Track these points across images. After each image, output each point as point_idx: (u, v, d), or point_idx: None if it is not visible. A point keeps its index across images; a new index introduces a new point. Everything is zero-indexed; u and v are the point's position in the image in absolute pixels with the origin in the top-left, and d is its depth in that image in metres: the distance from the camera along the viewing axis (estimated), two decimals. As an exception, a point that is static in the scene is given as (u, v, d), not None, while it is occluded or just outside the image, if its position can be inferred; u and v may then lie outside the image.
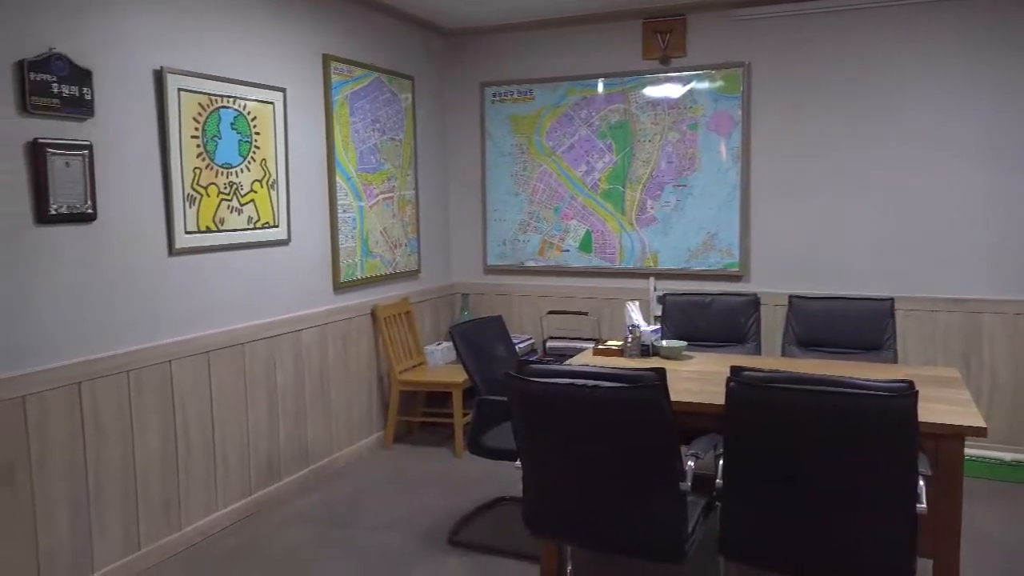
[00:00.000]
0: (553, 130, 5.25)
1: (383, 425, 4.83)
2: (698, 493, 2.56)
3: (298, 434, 4.12)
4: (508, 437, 3.11)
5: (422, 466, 4.45)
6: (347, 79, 4.43)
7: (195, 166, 3.43)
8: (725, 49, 4.79)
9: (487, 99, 5.43)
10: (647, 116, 5.00)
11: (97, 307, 3.02)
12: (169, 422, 3.35)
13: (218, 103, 3.54)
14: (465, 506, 3.83)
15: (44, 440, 2.83)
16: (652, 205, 5.05)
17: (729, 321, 4.06)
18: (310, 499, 3.98)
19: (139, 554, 3.21)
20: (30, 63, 2.72)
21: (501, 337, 3.80)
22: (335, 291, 4.40)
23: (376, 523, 3.68)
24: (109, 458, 3.08)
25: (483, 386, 3.41)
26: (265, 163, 3.84)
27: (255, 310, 3.81)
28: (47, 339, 2.84)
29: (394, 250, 4.94)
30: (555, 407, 2.37)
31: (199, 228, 3.47)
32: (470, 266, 5.62)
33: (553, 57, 5.21)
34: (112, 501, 3.10)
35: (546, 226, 5.35)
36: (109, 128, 3.04)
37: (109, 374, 3.06)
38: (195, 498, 3.49)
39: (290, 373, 4.05)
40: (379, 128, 4.74)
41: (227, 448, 3.66)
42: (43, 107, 2.77)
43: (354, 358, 4.56)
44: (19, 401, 2.74)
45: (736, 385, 2.26)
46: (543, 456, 2.48)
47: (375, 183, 4.72)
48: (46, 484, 2.84)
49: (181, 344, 3.38)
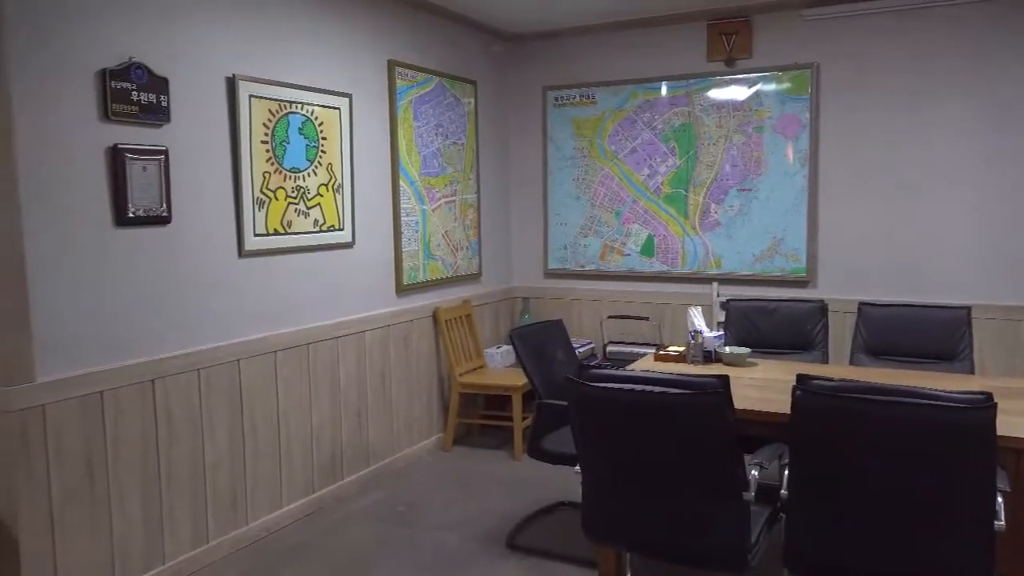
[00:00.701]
0: (615, 133, 5.22)
1: (443, 427, 4.87)
2: (762, 503, 2.51)
3: (360, 434, 4.19)
4: (568, 441, 3.10)
5: (481, 469, 4.47)
6: (411, 84, 4.49)
7: (264, 170, 3.52)
8: (793, 50, 4.69)
9: (549, 102, 5.43)
10: (711, 119, 4.93)
11: (170, 307, 3.13)
12: (237, 419, 3.44)
13: (287, 109, 3.62)
14: (524, 510, 3.83)
15: (119, 434, 2.94)
16: (716, 209, 4.97)
17: (795, 328, 3.97)
18: (371, 498, 4.03)
19: (207, 547, 3.31)
20: (111, 72, 2.84)
21: (561, 341, 3.79)
22: (398, 293, 4.45)
23: (435, 524, 3.71)
24: (180, 453, 3.18)
25: (543, 390, 3.40)
26: (331, 167, 3.91)
27: (320, 311, 3.89)
28: (123, 337, 2.95)
29: (455, 253, 4.98)
30: (616, 412, 2.35)
31: (267, 231, 3.56)
32: (530, 270, 5.63)
33: (616, 60, 5.18)
34: (182, 495, 3.20)
35: (607, 230, 5.32)
36: (184, 134, 3.15)
37: (181, 372, 3.16)
38: (261, 494, 3.58)
39: (353, 374, 4.12)
40: (442, 132, 4.79)
41: (292, 446, 3.74)
42: (123, 114, 2.88)
43: (415, 360, 4.62)
44: (97, 396, 2.85)
45: (803, 393, 2.21)
46: (603, 461, 2.47)
47: (437, 187, 4.77)
48: (121, 476, 2.95)
49: (250, 343, 3.47)
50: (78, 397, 2.79)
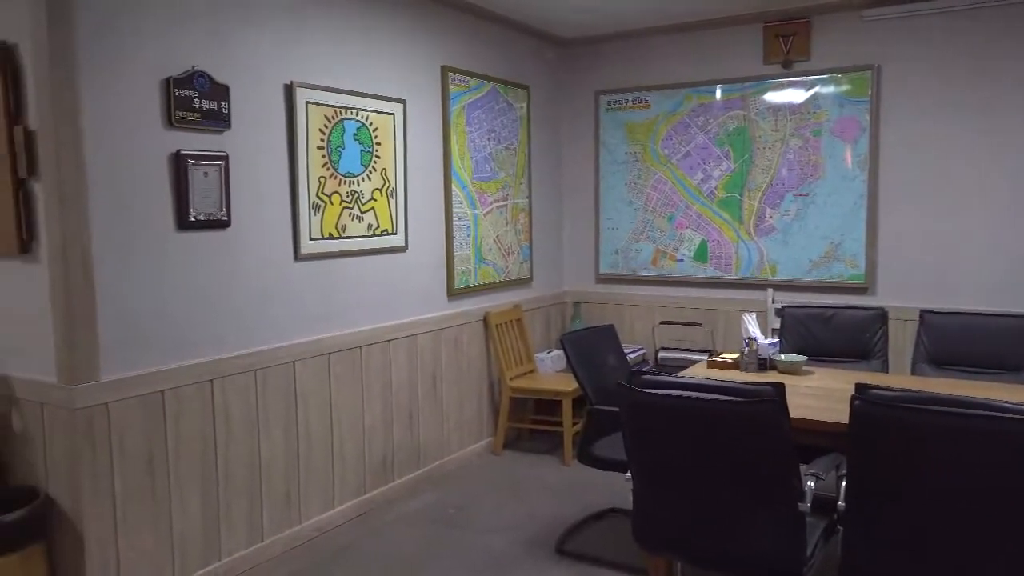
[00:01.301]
0: (669, 137, 5.18)
1: (493, 431, 4.88)
2: (818, 515, 2.45)
3: (411, 436, 4.23)
4: (618, 448, 3.07)
5: (531, 473, 4.47)
6: (464, 89, 4.52)
7: (320, 175, 3.58)
8: (853, 51, 4.58)
9: (602, 107, 5.41)
10: (767, 122, 4.85)
11: (229, 309, 3.20)
12: (292, 420, 3.50)
13: (342, 115, 3.68)
14: (573, 515, 3.81)
15: (179, 432, 3.02)
16: (771, 214, 4.89)
17: (853, 336, 3.87)
18: (421, 500, 4.06)
19: (261, 545, 3.37)
20: (175, 80, 2.92)
21: (612, 347, 3.77)
22: (449, 297, 4.48)
23: (485, 527, 3.71)
24: (237, 452, 3.25)
25: (594, 395, 3.39)
26: (385, 172, 3.96)
27: (373, 314, 3.94)
28: (184, 338, 3.03)
29: (507, 258, 4.99)
30: (668, 419, 2.32)
31: (323, 235, 3.62)
32: (582, 274, 5.61)
33: (670, 64, 5.14)
34: (239, 493, 3.27)
35: (660, 235, 5.27)
36: (243, 140, 3.22)
37: (238, 372, 3.24)
38: (314, 494, 3.63)
39: (404, 376, 4.16)
40: (494, 137, 4.81)
41: (344, 447, 3.79)
42: (186, 121, 2.97)
43: (466, 364, 4.64)
44: (158, 395, 2.94)
45: (862, 403, 2.15)
46: (655, 469, 2.44)
47: (489, 191, 4.79)
48: (181, 473, 3.03)
49: (305, 345, 3.54)
50: (140, 396, 2.87)
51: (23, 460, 2.87)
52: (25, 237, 2.72)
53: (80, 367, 2.69)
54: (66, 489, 2.75)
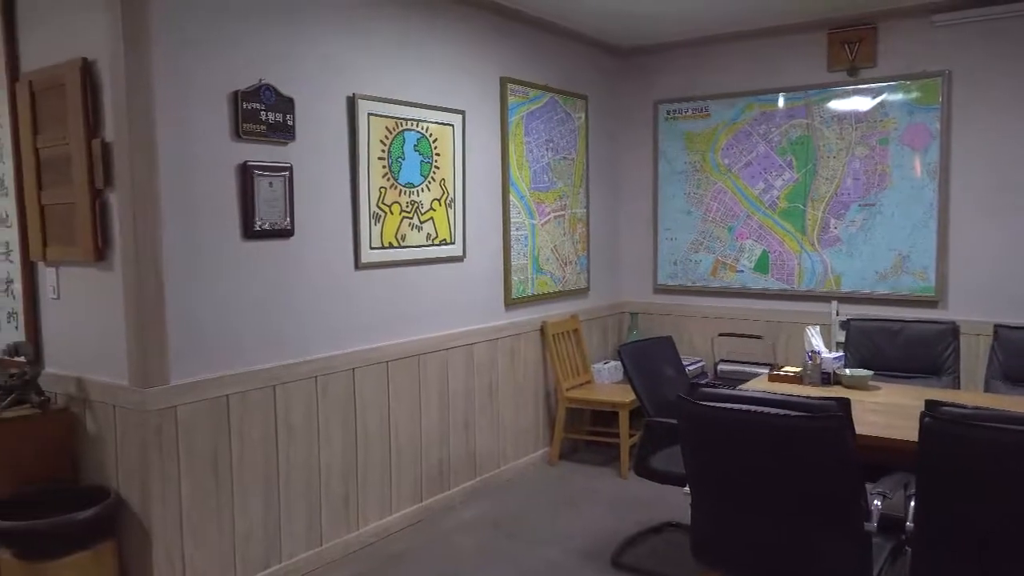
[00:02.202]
0: (729, 147, 5.11)
1: (549, 441, 4.86)
2: (885, 535, 2.37)
3: (467, 445, 4.24)
4: (676, 461, 3.03)
5: (587, 485, 4.44)
6: (523, 100, 4.54)
7: (380, 185, 3.64)
8: (922, 57, 4.46)
9: (661, 116, 5.37)
10: (832, 131, 4.74)
11: (291, 316, 3.27)
12: (351, 426, 3.55)
13: (403, 126, 3.74)
14: (630, 528, 3.77)
15: (243, 436, 3.09)
16: (836, 224, 4.77)
17: (921, 350, 3.75)
18: (477, 509, 4.07)
19: (320, 549, 3.42)
20: (243, 93, 3.01)
21: (671, 358, 3.72)
22: (506, 307, 4.50)
23: (540, 538, 3.70)
24: (297, 457, 3.31)
25: (651, 407, 3.35)
26: (444, 182, 4.00)
27: (431, 323, 3.97)
28: (248, 344, 3.11)
29: (564, 268, 4.98)
30: (728, 433, 2.28)
31: (383, 244, 3.67)
32: (639, 285, 5.56)
33: (730, 72, 5.07)
34: (299, 496, 3.33)
35: (720, 245, 5.20)
36: (306, 151, 3.30)
37: (300, 379, 3.30)
38: (371, 500, 3.68)
39: (461, 385, 4.18)
40: (552, 147, 4.82)
41: (402, 454, 3.83)
42: (252, 132, 3.05)
43: (522, 373, 4.64)
44: (224, 399, 3.02)
45: (932, 420, 2.08)
46: (714, 484, 2.40)
47: (547, 201, 4.80)
48: (244, 475, 3.10)
49: (364, 353, 3.59)
50: (207, 400, 2.95)
51: (95, 460, 2.98)
52: (101, 245, 2.83)
53: (151, 371, 2.78)
54: (135, 489, 2.84)
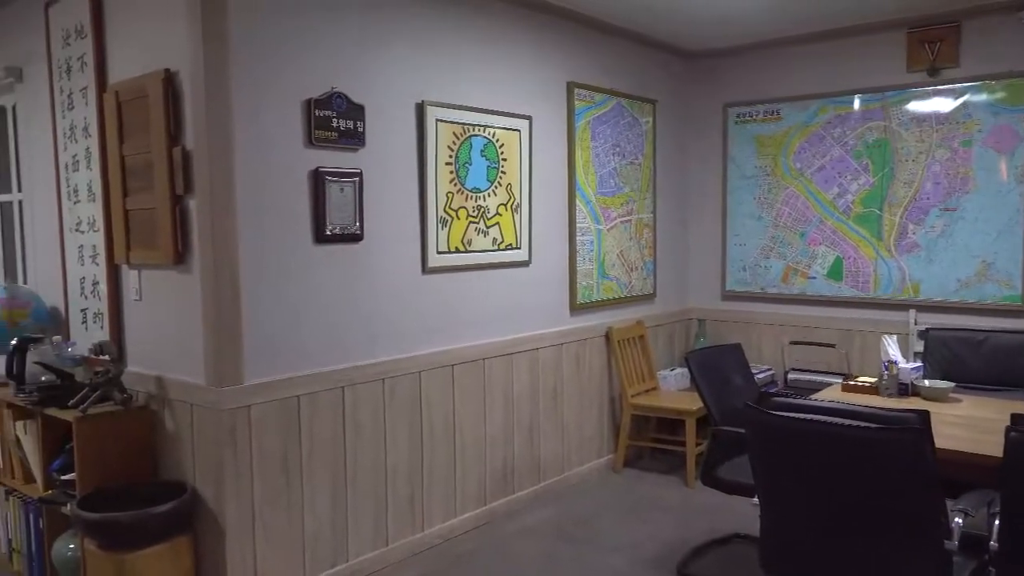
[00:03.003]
0: (802, 150, 4.99)
1: (614, 447, 4.83)
2: (966, 554, 2.28)
3: (531, 449, 4.24)
4: (744, 471, 2.97)
5: (652, 492, 4.39)
6: (590, 105, 4.53)
7: (447, 190, 3.68)
8: (1009, 56, 4.27)
9: (730, 120, 5.28)
10: (910, 133, 4.58)
11: (360, 319, 3.33)
12: (417, 429, 3.59)
13: (470, 132, 3.77)
14: (696, 538, 3.71)
15: (312, 436, 3.16)
16: (914, 230, 4.61)
17: (1007, 362, 3.59)
18: (541, 514, 4.07)
19: (386, 549, 3.47)
20: (315, 101, 3.09)
21: (739, 366, 3.65)
22: (571, 312, 4.48)
23: (605, 545, 3.67)
24: (365, 458, 3.37)
25: (719, 416, 3.29)
26: (510, 187, 4.02)
27: (496, 327, 3.99)
28: (318, 346, 3.18)
29: (630, 273, 4.94)
30: (800, 445, 2.23)
31: (449, 248, 3.71)
32: (707, 291, 5.48)
33: (803, 74, 4.95)
34: (366, 497, 3.38)
35: (791, 251, 5.08)
36: (376, 157, 3.36)
37: (368, 381, 3.36)
38: (437, 502, 3.71)
39: (526, 390, 4.19)
40: (619, 152, 4.79)
41: (466, 457, 3.85)
42: (324, 139, 3.12)
43: (587, 379, 4.62)
44: (295, 400, 3.09)
45: (1019, 435, 1.99)
46: (784, 496, 2.34)
47: (613, 206, 4.77)
48: (313, 474, 3.17)
49: (430, 356, 3.63)
50: (278, 400, 3.03)
51: (173, 456, 3.09)
52: (180, 249, 2.93)
53: (226, 371, 2.87)
54: (210, 485, 2.94)
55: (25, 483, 3.37)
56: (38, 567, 3.31)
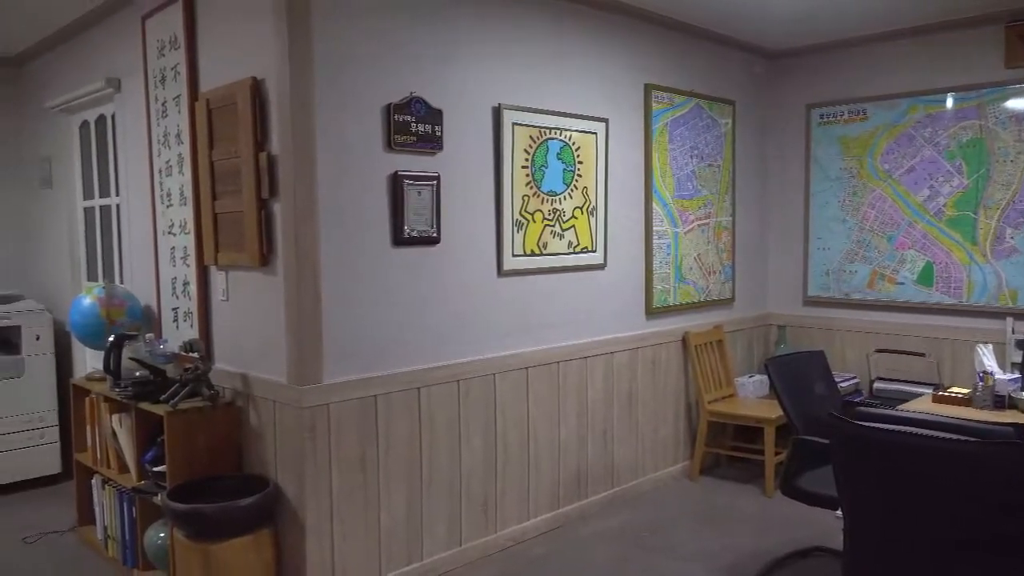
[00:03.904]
0: (890, 151, 4.80)
1: (690, 454, 4.75)
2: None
3: (605, 454, 4.21)
4: (827, 482, 2.88)
5: (729, 501, 4.29)
6: (667, 107, 4.47)
7: (524, 194, 3.69)
8: (1119, 49, 4.01)
9: (813, 121, 5.13)
10: (1009, 132, 4.36)
11: (436, 321, 3.37)
12: (491, 430, 3.61)
13: (546, 135, 3.77)
14: (775, 550, 3.61)
15: (389, 435, 3.21)
16: (1012, 234, 4.38)
17: (1116, 374, 3.37)
18: (614, 520, 4.03)
19: (459, 549, 3.50)
20: (395, 106, 3.14)
21: (822, 374, 3.54)
22: (647, 316, 4.43)
23: (680, 553, 3.61)
24: (439, 458, 3.40)
25: (800, 424, 3.20)
26: (586, 190, 4.00)
27: (571, 331, 3.98)
28: (395, 347, 3.23)
29: (708, 277, 4.85)
30: (888, 457, 2.14)
31: (525, 251, 3.71)
32: (788, 296, 5.33)
33: (891, 72, 4.77)
34: (440, 497, 3.42)
35: (877, 256, 4.89)
36: (453, 160, 3.39)
37: (443, 382, 3.39)
38: (510, 504, 3.72)
39: (600, 394, 4.16)
40: (697, 154, 4.71)
41: (540, 460, 3.85)
42: (403, 143, 3.18)
43: (662, 384, 4.56)
44: (372, 400, 3.15)
45: None
46: (870, 510, 2.25)
47: (691, 209, 4.69)
48: (389, 473, 3.22)
49: (505, 359, 3.64)
50: (356, 399, 3.09)
51: (257, 452, 3.19)
52: (265, 251, 3.03)
53: (307, 370, 2.95)
54: (291, 480, 3.02)
55: (120, 473, 3.53)
56: (131, 554, 3.47)
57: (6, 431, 4.50)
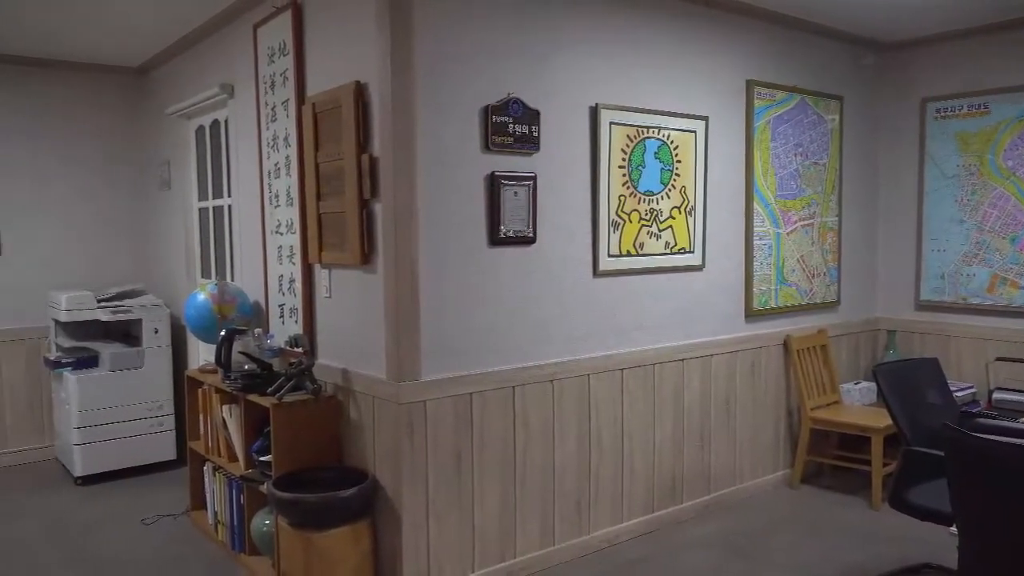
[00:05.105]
0: (1014, 147, 4.51)
1: (790, 462, 4.59)
2: None
3: (701, 459, 4.13)
4: (939, 495, 2.75)
5: (832, 512, 4.13)
6: (770, 103, 4.34)
7: (620, 194, 3.66)
8: None
9: (929, 116, 4.87)
10: None
11: (530, 321, 3.39)
12: (584, 431, 3.60)
13: (644, 134, 3.73)
14: (881, 565, 3.45)
15: (483, 432, 3.25)
16: None
17: None
18: (710, 526, 3.94)
19: (552, 549, 3.50)
20: (493, 107, 3.17)
21: (935, 382, 3.36)
22: (747, 319, 4.32)
23: (778, 563, 3.50)
24: (533, 457, 3.42)
25: (911, 435, 3.05)
26: (684, 190, 3.93)
27: (667, 332, 3.92)
28: (490, 346, 3.26)
29: (811, 279, 4.68)
30: (1009, 472, 2.01)
31: (620, 252, 3.68)
32: (898, 300, 5.08)
33: (1016, 63, 4.48)
34: (533, 496, 3.43)
35: (999, 258, 4.60)
36: (549, 160, 3.40)
37: (537, 382, 3.40)
38: (603, 506, 3.70)
39: (696, 397, 4.08)
40: (801, 152, 4.55)
41: (634, 463, 3.81)
42: (500, 144, 3.20)
43: (762, 389, 4.43)
44: (467, 397, 3.19)
45: None
46: (988, 528, 2.12)
47: (794, 209, 4.54)
48: (484, 470, 3.26)
49: (599, 360, 3.62)
50: (452, 396, 3.14)
51: (356, 445, 3.29)
52: (366, 250, 3.11)
53: (405, 367, 3.02)
54: (389, 474, 3.10)
55: (229, 461, 3.71)
56: (239, 539, 3.63)
57: (128, 418, 4.80)
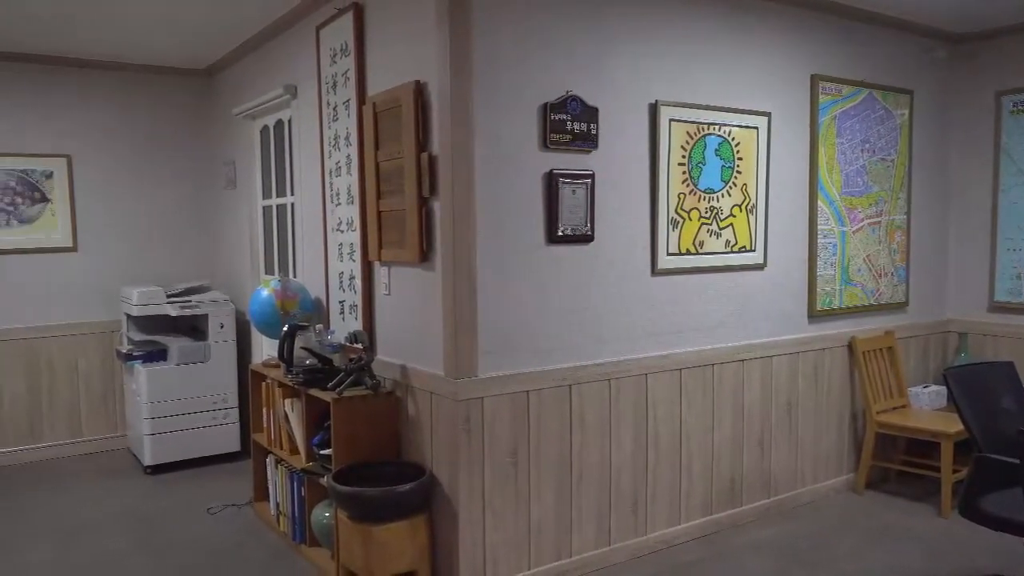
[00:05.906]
0: (1096, 141, 4.31)
1: (854, 467, 4.47)
2: None
3: (761, 462, 4.05)
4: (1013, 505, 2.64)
5: (898, 519, 4.01)
6: (836, 98, 4.23)
7: (679, 191, 3.61)
8: None
9: (1004, 110, 4.68)
10: None
11: (588, 319, 3.37)
12: (641, 431, 3.57)
13: (704, 131, 3.67)
14: (951, 575, 3.34)
15: (540, 430, 3.25)
16: None
17: None
18: (770, 531, 3.87)
19: (608, 549, 3.48)
20: (551, 105, 3.17)
21: (1010, 387, 3.23)
22: (809, 319, 4.22)
23: (842, 570, 3.42)
24: (589, 455, 3.40)
25: (983, 441, 2.94)
26: (746, 188, 3.86)
27: (727, 332, 3.85)
28: (547, 344, 3.26)
29: (878, 279, 4.55)
30: (1089, 480, 1.92)
31: (680, 250, 3.64)
32: (971, 301, 4.90)
33: (1101, 53, 4.27)
34: (589, 495, 3.41)
35: (1079, 258, 4.41)
36: (608, 158, 3.38)
37: (594, 380, 3.39)
38: (660, 507, 3.66)
39: (757, 399, 4.00)
40: (868, 148, 4.42)
41: (692, 464, 3.76)
42: (558, 142, 3.20)
43: (825, 391, 4.32)
44: (524, 395, 3.19)
45: None
46: (1067, 538, 2.03)
47: (860, 207, 4.42)
48: (540, 468, 3.26)
49: (657, 359, 3.58)
50: (509, 394, 3.15)
51: (414, 440, 3.33)
52: (425, 248, 3.15)
53: (463, 363, 3.03)
54: (446, 470, 3.12)
55: (291, 454, 3.79)
56: (300, 530, 3.71)
57: (194, 410, 4.95)
